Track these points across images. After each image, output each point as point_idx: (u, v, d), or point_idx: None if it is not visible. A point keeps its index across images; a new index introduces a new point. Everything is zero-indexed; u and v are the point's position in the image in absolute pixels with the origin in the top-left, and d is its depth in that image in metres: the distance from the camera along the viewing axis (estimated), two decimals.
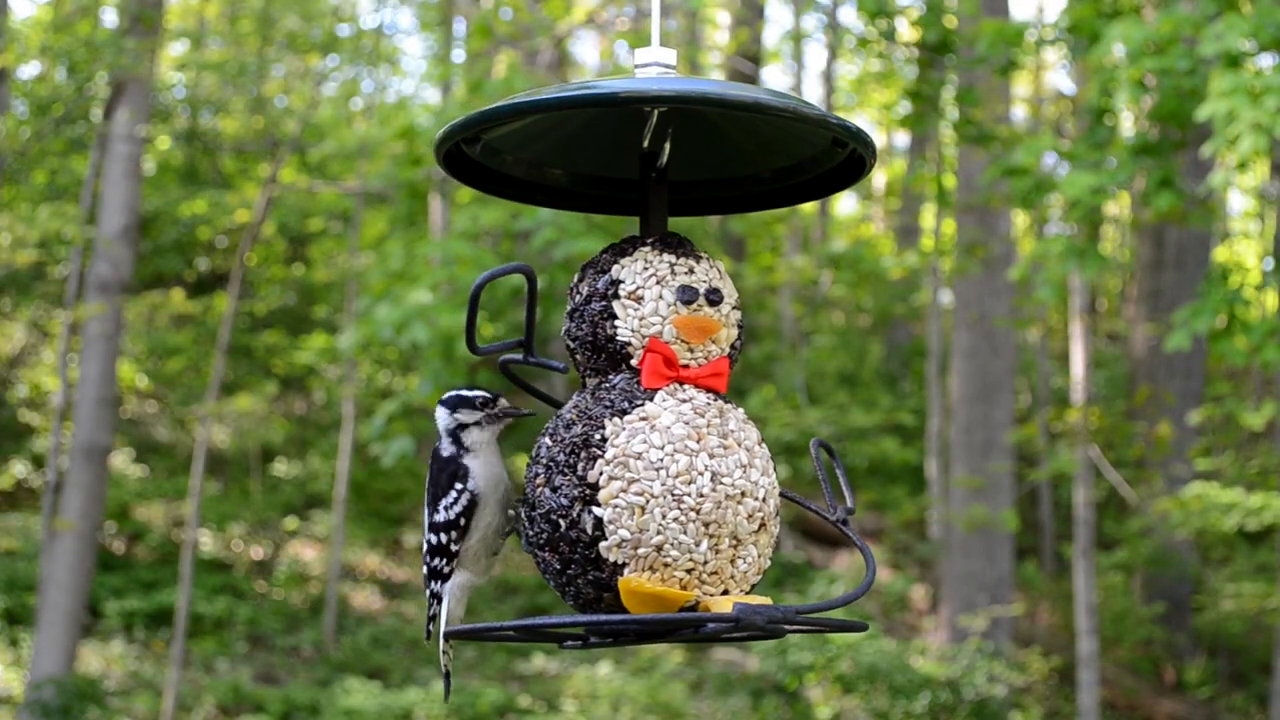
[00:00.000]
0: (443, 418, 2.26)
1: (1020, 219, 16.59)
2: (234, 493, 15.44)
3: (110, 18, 14.17)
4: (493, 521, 2.22)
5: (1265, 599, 13.71)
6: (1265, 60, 7.21)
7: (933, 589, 15.35)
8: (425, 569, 2.25)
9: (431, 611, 2.25)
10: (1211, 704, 14.67)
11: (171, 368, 16.05)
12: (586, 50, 21.01)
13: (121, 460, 15.28)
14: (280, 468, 16.09)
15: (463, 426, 2.25)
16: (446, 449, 2.25)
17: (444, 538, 2.22)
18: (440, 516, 2.22)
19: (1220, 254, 18.67)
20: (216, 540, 14.53)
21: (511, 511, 2.23)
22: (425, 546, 2.25)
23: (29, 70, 14.60)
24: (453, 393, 2.28)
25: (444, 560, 2.22)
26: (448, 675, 2.30)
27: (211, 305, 15.93)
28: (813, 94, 25.63)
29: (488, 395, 2.26)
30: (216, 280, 17.19)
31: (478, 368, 11.59)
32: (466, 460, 2.23)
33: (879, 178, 22.78)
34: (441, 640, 2.23)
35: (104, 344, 11.68)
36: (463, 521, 2.21)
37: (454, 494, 2.21)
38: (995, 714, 12.20)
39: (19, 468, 15.06)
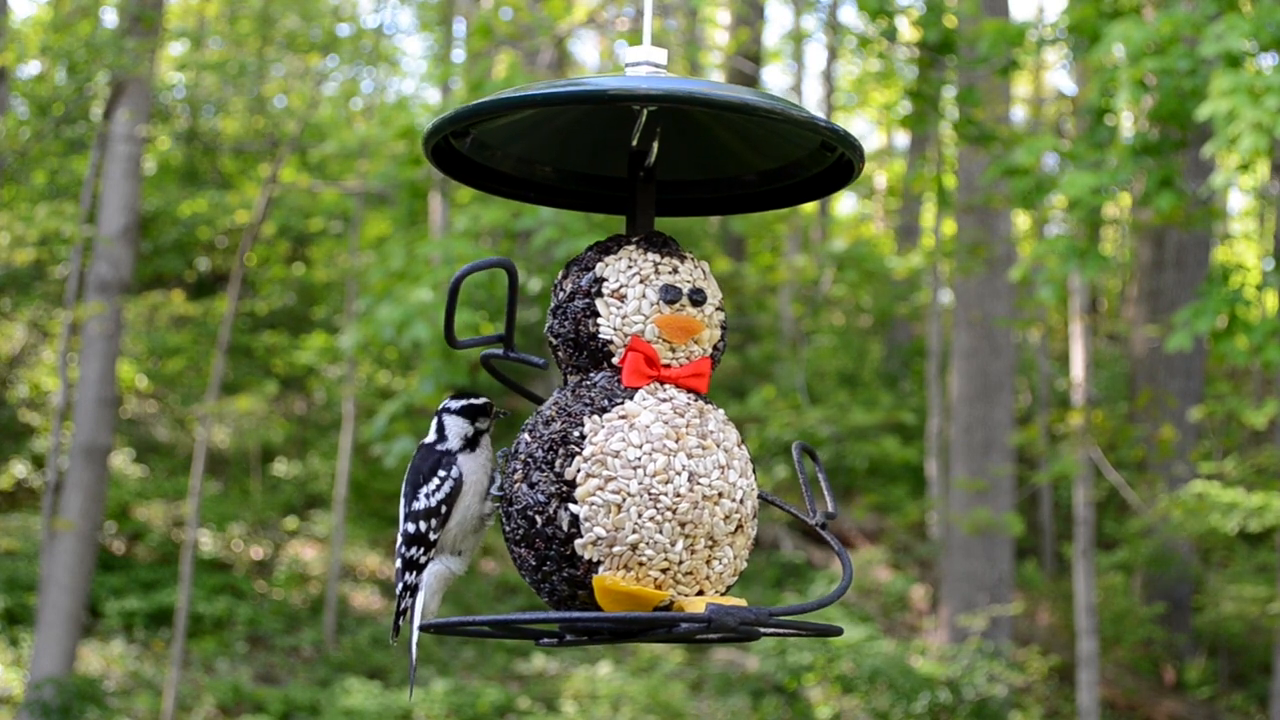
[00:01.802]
0: (461, 427, 2.23)
1: (1021, 220, 16.58)
2: (234, 493, 15.43)
3: (110, 18, 14.17)
4: (472, 507, 2.20)
5: (1268, 602, 13.69)
6: (1266, 60, 7.20)
7: (933, 589, 15.34)
8: (399, 561, 2.22)
9: (403, 605, 2.21)
10: (1211, 704, 14.65)
11: (171, 368, 16.05)
12: (587, 50, 21.01)
13: (121, 460, 15.28)
14: (280, 468, 16.08)
15: (479, 434, 2.24)
16: (433, 436, 2.24)
17: (423, 525, 2.19)
18: (420, 504, 2.20)
19: (1220, 254, 18.65)
20: (216, 540, 14.52)
21: (491, 503, 2.21)
22: (401, 538, 2.22)
23: (29, 70, 14.60)
24: (465, 402, 2.25)
25: (421, 550, 2.20)
26: (414, 670, 2.30)
27: (212, 306, 15.92)
28: (813, 94, 25.64)
29: (493, 403, 2.26)
30: (217, 280, 17.19)
31: (477, 367, 11.58)
32: (453, 445, 2.22)
33: (879, 177, 22.77)
34: (415, 633, 2.19)
35: (104, 344, 11.68)
36: (443, 510, 2.19)
37: (436, 481, 2.20)
38: (995, 714, 12.19)
39: (19, 468, 15.05)
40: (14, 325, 15.97)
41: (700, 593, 2.04)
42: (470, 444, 2.22)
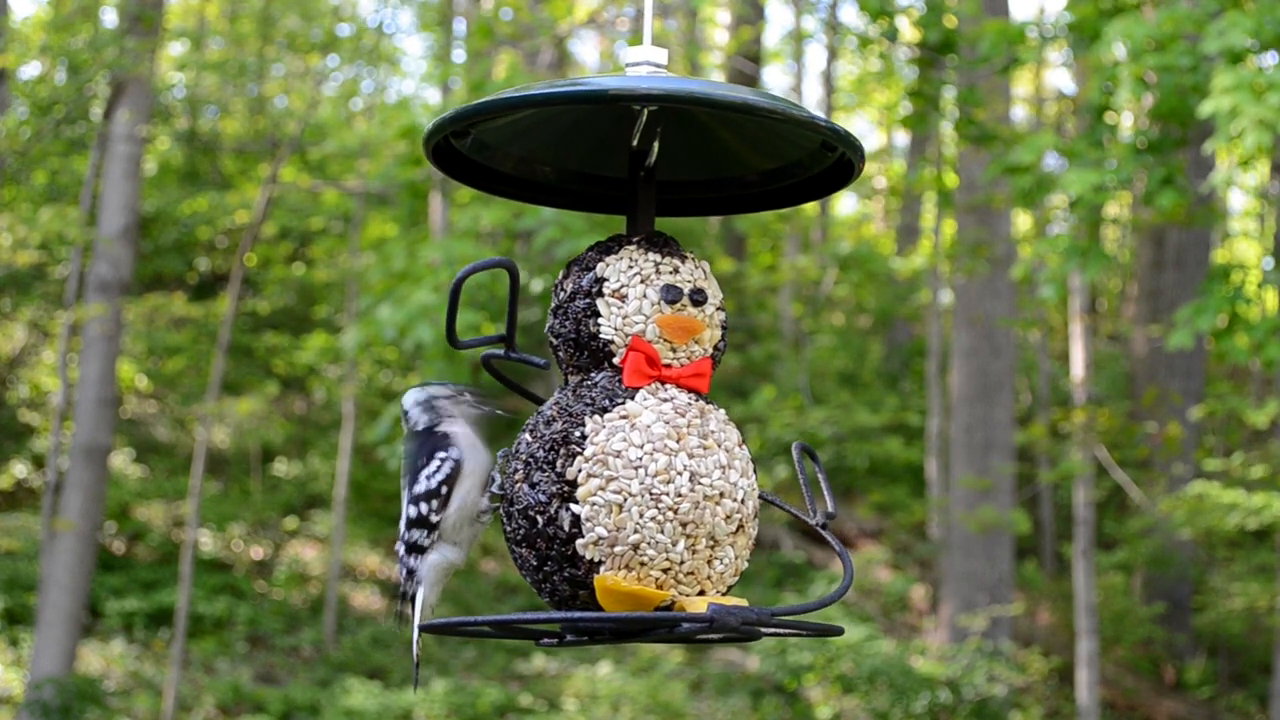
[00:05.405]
0: (415, 393, 2.24)
1: (1022, 219, 16.58)
2: (234, 493, 15.43)
3: (110, 18, 14.17)
4: (471, 492, 2.18)
5: (1268, 610, 13.68)
6: (1267, 60, 7.19)
7: (933, 589, 15.33)
8: (402, 547, 2.19)
9: (409, 592, 2.19)
10: (1211, 704, 14.65)
11: (171, 368, 16.05)
12: (587, 50, 21.00)
13: (121, 460, 15.27)
14: (280, 468, 16.08)
15: (435, 398, 2.23)
16: (422, 423, 2.22)
17: (424, 508, 2.17)
18: (421, 487, 2.18)
19: (1220, 254, 18.65)
20: (216, 540, 14.52)
21: (488, 497, 2.20)
22: (403, 523, 2.19)
23: (29, 70, 14.60)
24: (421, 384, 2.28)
25: (424, 532, 2.17)
26: (418, 664, 2.28)
27: (212, 306, 15.93)
28: (813, 94, 25.62)
29: (458, 386, 2.26)
30: (217, 280, 17.19)
31: (479, 368, 11.57)
32: (446, 428, 2.21)
33: (879, 178, 22.77)
34: (416, 629, 2.18)
35: (104, 344, 11.68)
36: (444, 490, 2.17)
37: (436, 463, 2.18)
38: (995, 714, 12.19)
39: (19, 468, 15.05)
40: (14, 325, 15.97)
41: (702, 593, 2.03)
42: (432, 409, 2.23)
